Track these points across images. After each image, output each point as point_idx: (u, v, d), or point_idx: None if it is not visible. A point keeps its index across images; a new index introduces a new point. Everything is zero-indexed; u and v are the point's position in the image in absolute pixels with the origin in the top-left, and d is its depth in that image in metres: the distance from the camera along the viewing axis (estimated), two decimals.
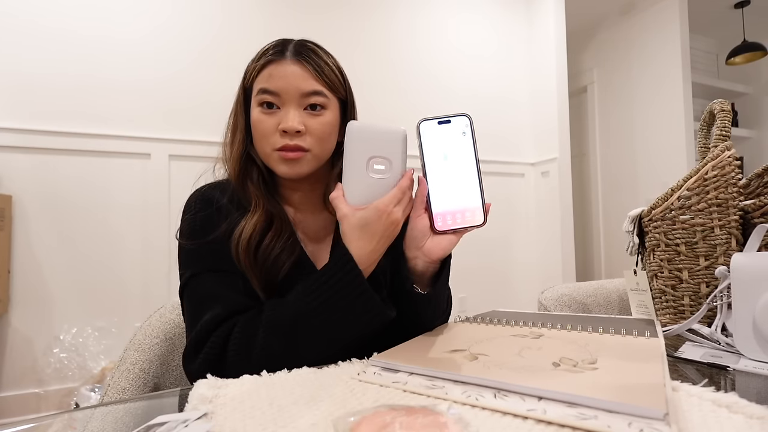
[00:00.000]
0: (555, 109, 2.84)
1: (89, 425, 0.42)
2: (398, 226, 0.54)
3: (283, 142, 0.61)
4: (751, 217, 0.74)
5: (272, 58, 0.62)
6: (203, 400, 0.42)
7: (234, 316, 0.55)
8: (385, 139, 0.53)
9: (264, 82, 0.62)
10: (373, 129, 0.54)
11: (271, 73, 0.62)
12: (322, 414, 0.39)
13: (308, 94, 0.62)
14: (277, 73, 0.61)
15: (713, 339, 0.63)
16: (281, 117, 0.61)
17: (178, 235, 0.64)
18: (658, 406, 0.34)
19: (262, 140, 0.63)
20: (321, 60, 0.64)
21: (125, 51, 1.97)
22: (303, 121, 0.62)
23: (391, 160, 0.53)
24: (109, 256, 1.91)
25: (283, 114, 0.61)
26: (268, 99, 0.62)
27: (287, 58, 0.62)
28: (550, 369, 0.45)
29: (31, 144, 1.80)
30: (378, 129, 0.54)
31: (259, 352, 0.51)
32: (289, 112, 0.61)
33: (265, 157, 0.64)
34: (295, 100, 0.62)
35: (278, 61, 0.62)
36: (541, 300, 0.98)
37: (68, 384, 1.77)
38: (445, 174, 0.56)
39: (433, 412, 0.35)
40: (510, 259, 2.89)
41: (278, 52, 0.63)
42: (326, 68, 0.64)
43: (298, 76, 0.62)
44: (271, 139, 0.62)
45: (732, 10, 3.54)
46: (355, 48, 2.48)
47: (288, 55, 0.62)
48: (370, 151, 0.53)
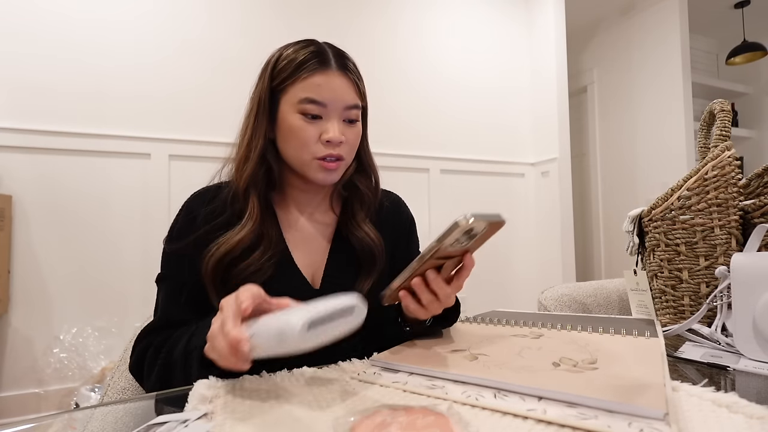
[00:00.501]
0: (555, 109, 2.84)
1: (89, 425, 0.42)
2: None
3: (326, 152, 0.62)
4: (751, 217, 0.74)
5: (318, 68, 0.61)
6: (203, 400, 0.42)
7: (166, 327, 0.60)
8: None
9: (311, 91, 0.61)
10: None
11: (319, 83, 0.61)
12: (323, 414, 0.39)
13: (350, 107, 0.63)
14: (326, 84, 0.61)
15: (713, 339, 0.63)
16: (323, 127, 0.62)
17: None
18: (658, 406, 0.34)
19: (302, 148, 0.63)
20: (357, 71, 0.66)
21: (125, 51, 1.97)
22: (342, 132, 0.63)
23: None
24: (109, 256, 1.90)
25: (325, 124, 0.62)
26: (314, 110, 0.61)
27: (333, 69, 0.62)
28: (550, 369, 0.45)
29: (31, 144, 1.80)
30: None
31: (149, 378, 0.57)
32: (333, 123, 0.62)
33: (301, 164, 0.64)
34: (339, 112, 0.63)
35: (325, 72, 0.61)
36: (541, 300, 0.98)
37: (68, 384, 1.77)
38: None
39: (433, 412, 0.35)
40: (510, 258, 2.89)
41: (323, 62, 0.62)
42: (361, 80, 0.66)
43: (345, 88, 0.63)
44: (312, 148, 0.62)
45: (732, 10, 3.54)
46: (353, 48, 2.48)
47: (333, 66, 0.62)
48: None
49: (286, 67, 0.63)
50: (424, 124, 2.64)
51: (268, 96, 0.64)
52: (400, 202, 0.81)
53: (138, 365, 0.59)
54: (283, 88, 0.63)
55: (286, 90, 0.63)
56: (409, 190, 2.50)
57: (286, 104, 0.62)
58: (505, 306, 2.79)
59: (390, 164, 2.46)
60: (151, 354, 0.57)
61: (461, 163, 2.73)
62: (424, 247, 0.52)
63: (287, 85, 0.62)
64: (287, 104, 0.62)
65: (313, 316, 0.39)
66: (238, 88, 2.16)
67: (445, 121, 2.72)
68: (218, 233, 0.62)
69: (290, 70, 0.62)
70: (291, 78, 0.62)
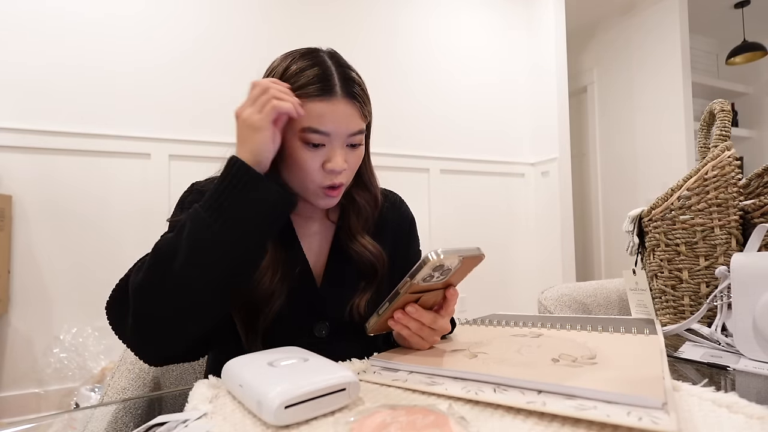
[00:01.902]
0: (555, 109, 2.84)
1: (89, 425, 0.42)
2: (256, 125, 0.53)
3: (329, 181, 0.60)
4: (751, 217, 0.74)
5: (321, 95, 0.57)
6: (203, 400, 0.42)
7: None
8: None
9: (313, 121, 0.57)
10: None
11: (322, 112, 0.57)
12: (323, 414, 0.39)
13: (354, 134, 0.61)
14: (330, 114, 0.57)
15: (713, 339, 0.63)
16: (326, 155, 0.59)
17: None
18: (656, 396, 0.34)
19: (305, 176, 0.60)
20: (364, 93, 0.62)
21: (126, 51, 1.97)
22: (346, 158, 0.61)
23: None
24: (109, 256, 1.90)
25: (328, 152, 0.59)
26: (316, 139, 0.58)
27: (338, 96, 0.58)
28: (549, 364, 0.45)
29: (31, 144, 1.80)
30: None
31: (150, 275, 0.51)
32: (336, 151, 0.59)
33: (304, 192, 0.63)
34: (342, 140, 0.60)
35: (330, 100, 0.57)
36: (541, 300, 0.98)
37: (68, 384, 1.77)
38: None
39: (433, 412, 0.35)
40: (510, 259, 2.89)
41: (328, 89, 0.57)
42: (367, 102, 0.63)
43: (349, 116, 0.59)
44: (315, 177, 0.60)
45: (732, 10, 3.54)
46: (352, 47, 2.48)
47: (338, 92, 0.58)
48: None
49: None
50: (424, 124, 2.64)
51: None
52: (400, 202, 0.81)
53: (120, 292, 0.55)
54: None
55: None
56: (409, 190, 2.50)
57: (287, 129, 0.59)
58: (504, 305, 2.79)
59: (390, 164, 2.46)
60: (145, 260, 0.53)
61: (461, 163, 2.73)
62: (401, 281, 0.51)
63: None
64: (288, 129, 0.59)
65: (293, 396, 0.37)
66: (238, 88, 2.17)
67: (445, 121, 2.72)
68: None
69: (294, 93, 0.59)
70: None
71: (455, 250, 0.48)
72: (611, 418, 0.32)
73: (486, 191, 2.83)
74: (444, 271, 0.50)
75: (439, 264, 0.47)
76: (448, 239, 2.61)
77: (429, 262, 0.47)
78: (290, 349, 0.49)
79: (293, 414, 0.37)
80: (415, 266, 0.48)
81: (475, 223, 2.77)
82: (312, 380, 0.38)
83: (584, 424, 0.33)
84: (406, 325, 0.54)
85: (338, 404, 0.39)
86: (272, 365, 0.43)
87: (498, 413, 0.37)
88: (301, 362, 0.44)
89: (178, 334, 0.52)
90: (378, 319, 0.55)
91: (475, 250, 0.51)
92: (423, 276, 0.48)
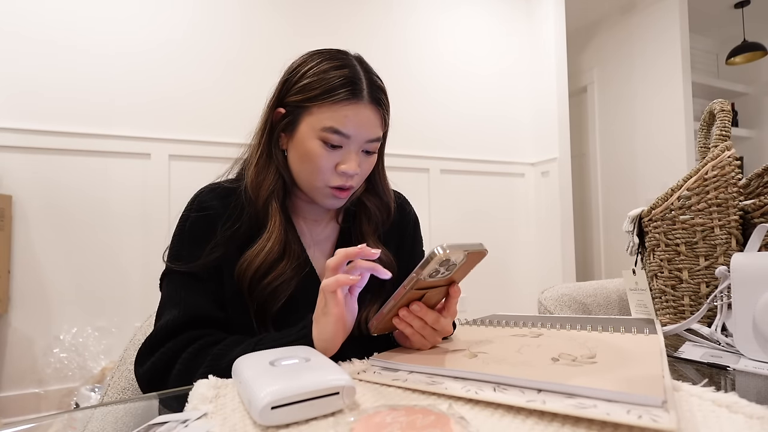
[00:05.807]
0: (555, 109, 2.84)
1: (89, 425, 0.42)
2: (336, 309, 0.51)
3: (339, 182, 0.61)
4: (751, 217, 0.74)
5: (349, 98, 0.58)
6: (203, 400, 0.42)
7: (192, 322, 0.56)
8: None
9: (337, 122, 0.58)
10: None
11: (347, 114, 0.58)
12: (322, 414, 0.39)
13: (372, 141, 0.61)
14: (354, 116, 0.58)
15: (713, 339, 0.63)
16: (341, 156, 0.60)
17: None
18: (656, 394, 0.34)
19: (316, 174, 0.61)
20: (387, 102, 0.63)
21: (126, 51, 1.97)
22: (359, 163, 0.61)
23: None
24: (109, 256, 1.91)
25: (343, 154, 0.60)
26: (336, 140, 0.59)
27: (364, 101, 0.59)
28: (549, 364, 0.45)
29: (31, 144, 1.80)
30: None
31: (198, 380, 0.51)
32: (352, 155, 0.60)
33: (311, 189, 0.63)
34: (360, 144, 0.60)
35: (356, 103, 0.58)
36: (541, 300, 0.98)
37: (68, 384, 1.77)
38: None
39: (433, 412, 0.35)
40: (510, 258, 2.89)
41: (356, 93, 0.58)
42: (389, 110, 0.63)
43: (371, 122, 0.60)
44: (327, 176, 0.61)
45: (732, 10, 3.54)
46: (352, 47, 2.48)
47: (365, 97, 0.59)
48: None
49: (313, 85, 0.59)
50: (424, 123, 2.65)
51: (291, 107, 0.62)
52: (405, 202, 0.81)
53: (167, 364, 0.53)
54: (307, 106, 0.60)
55: (310, 110, 0.59)
56: (409, 190, 2.48)
57: (308, 126, 0.59)
58: (504, 305, 2.79)
59: (390, 164, 2.42)
60: (196, 357, 0.52)
61: (461, 163, 2.73)
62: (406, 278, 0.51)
63: (313, 105, 0.59)
64: (308, 126, 0.59)
65: (281, 397, 0.36)
66: (238, 89, 2.18)
67: (445, 121, 2.72)
68: (239, 241, 0.62)
69: (318, 91, 0.58)
70: (318, 100, 0.58)
71: (460, 245, 0.48)
72: (611, 416, 0.32)
73: (486, 191, 2.83)
74: (449, 266, 0.50)
75: (446, 259, 0.48)
76: (449, 239, 2.61)
77: (436, 257, 0.47)
78: (298, 349, 0.49)
79: (281, 415, 0.36)
80: (422, 261, 0.48)
81: (476, 223, 2.77)
82: (304, 382, 0.38)
83: (584, 423, 0.33)
84: (410, 323, 0.54)
85: (331, 408, 0.39)
86: (273, 364, 0.43)
87: (498, 413, 0.37)
88: (302, 362, 0.44)
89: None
90: (383, 318, 0.54)
91: (479, 246, 0.51)
92: (429, 271, 0.48)
